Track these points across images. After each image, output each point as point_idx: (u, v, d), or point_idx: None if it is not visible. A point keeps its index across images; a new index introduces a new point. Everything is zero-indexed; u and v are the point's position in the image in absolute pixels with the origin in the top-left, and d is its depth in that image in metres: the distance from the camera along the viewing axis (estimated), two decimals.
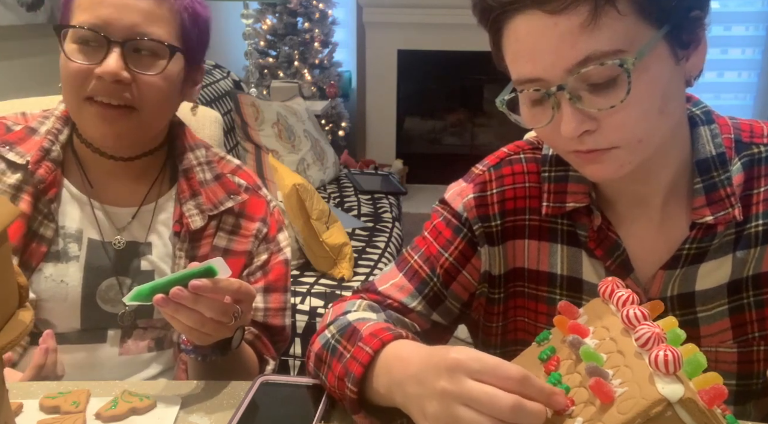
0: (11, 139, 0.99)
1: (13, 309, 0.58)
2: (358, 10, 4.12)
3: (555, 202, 0.85)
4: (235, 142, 3.00)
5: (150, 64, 0.94)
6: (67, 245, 1.00)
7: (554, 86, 0.70)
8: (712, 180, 0.79)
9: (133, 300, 0.79)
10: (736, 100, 4.17)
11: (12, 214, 0.56)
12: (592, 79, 0.69)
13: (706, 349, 0.80)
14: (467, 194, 0.90)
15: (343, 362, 0.75)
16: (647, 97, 0.70)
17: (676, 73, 0.73)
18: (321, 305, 2.08)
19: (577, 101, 0.70)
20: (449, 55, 4.18)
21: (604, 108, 0.70)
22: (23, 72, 2.63)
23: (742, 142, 0.82)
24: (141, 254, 1.03)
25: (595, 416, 0.57)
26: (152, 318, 1.03)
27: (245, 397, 0.80)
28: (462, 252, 0.90)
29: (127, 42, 0.91)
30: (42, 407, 0.79)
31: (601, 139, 0.72)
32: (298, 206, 2.20)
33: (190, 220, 1.02)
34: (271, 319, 1.07)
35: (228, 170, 1.10)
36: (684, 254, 0.81)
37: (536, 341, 0.71)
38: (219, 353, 0.90)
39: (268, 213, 1.10)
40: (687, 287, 0.82)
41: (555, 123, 0.72)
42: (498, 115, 5.28)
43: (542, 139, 0.82)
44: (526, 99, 0.75)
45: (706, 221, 0.79)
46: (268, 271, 1.08)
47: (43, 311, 0.97)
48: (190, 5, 0.97)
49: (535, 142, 0.92)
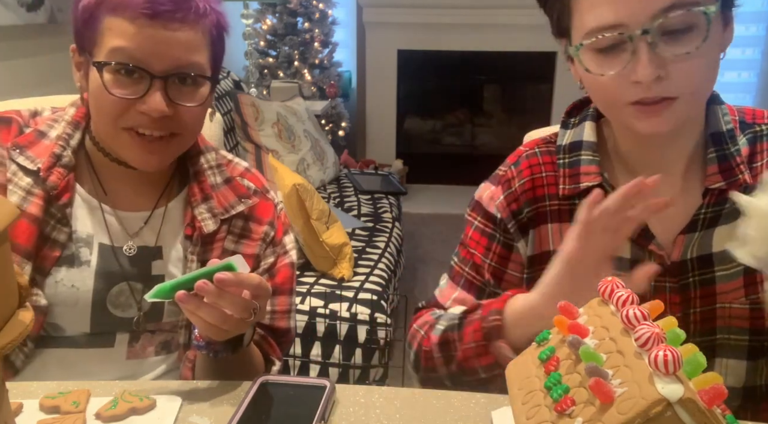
0: (22, 143, 0.98)
1: (13, 309, 0.58)
2: (358, 10, 4.12)
3: (570, 184, 0.94)
4: (235, 142, 3.00)
5: (191, 94, 0.93)
6: (79, 249, 0.99)
7: (638, 30, 0.76)
8: (724, 151, 0.88)
9: (155, 297, 0.80)
10: (736, 100, 4.12)
11: (12, 214, 0.56)
12: (673, 26, 0.76)
13: (721, 305, 0.89)
14: (498, 197, 0.99)
15: (474, 321, 0.89)
16: (712, 49, 0.78)
17: (721, 40, 0.82)
18: (321, 304, 2.08)
19: (655, 46, 0.76)
20: (449, 55, 4.19)
21: (680, 53, 0.76)
22: (23, 72, 2.63)
23: (745, 123, 0.91)
24: (152, 258, 1.02)
25: (595, 416, 0.57)
26: (161, 321, 1.03)
27: (245, 397, 0.80)
28: (500, 255, 0.99)
29: (170, 76, 0.90)
30: (42, 407, 0.79)
31: (669, 88, 0.78)
32: (298, 206, 2.20)
33: (203, 223, 1.02)
34: (278, 321, 1.08)
35: (237, 173, 1.10)
36: (700, 218, 0.88)
37: (536, 341, 0.71)
38: (230, 349, 0.90)
39: (275, 216, 1.10)
40: (705, 249, 0.89)
41: (627, 70, 0.78)
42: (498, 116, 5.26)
43: (601, 90, 0.85)
44: (594, 47, 0.81)
45: (719, 187, 0.87)
46: (274, 273, 1.08)
47: (53, 315, 0.97)
48: (215, 21, 0.95)
49: (549, 138, 1.01)
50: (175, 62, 0.90)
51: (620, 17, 0.77)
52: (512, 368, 0.73)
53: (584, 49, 0.82)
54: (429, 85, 4.46)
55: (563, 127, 0.99)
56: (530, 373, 0.69)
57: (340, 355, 2.06)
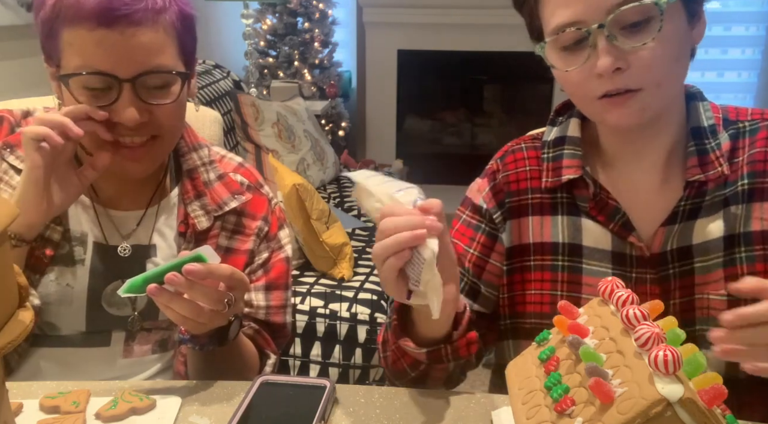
0: (12, 141, 0.99)
1: (13, 309, 0.58)
2: (358, 10, 4.11)
3: (553, 176, 0.96)
4: (235, 142, 3.00)
5: (163, 94, 0.93)
6: (73, 248, 0.99)
7: (595, 25, 0.80)
8: (704, 145, 0.90)
9: (127, 292, 0.80)
10: (736, 100, 4.16)
11: (12, 214, 0.56)
12: (628, 20, 0.80)
13: (699, 296, 0.90)
14: (484, 188, 1.02)
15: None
16: (670, 41, 0.81)
17: (687, 34, 0.85)
18: (321, 304, 2.08)
19: (613, 39, 0.80)
20: (449, 55, 4.18)
21: (638, 44, 0.80)
22: (23, 72, 2.63)
23: (728, 120, 0.94)
24: (146, 256, 1.02)
25: (595, 416, 0.57)
26: (157, 320, 1.03)
27: (245, 397, 0.80)
28: (484, 244, 1.01)
29: (137, 79, 0.89)
30: (42, 407, 0.79)
31: (630, 79, 0.81)
32: (298, 206, 2.20)
33: (196, 221, 1.02)
34: (273, 316, 1.08)
35: (230, 169, 1.10)
36: (681, 210, 0.90)
37: (536, 341, 0.71)
38: (216, 342, 0.90)
39: (269, 211, 1.10)
40: (685, 241, 0.91)
41: (589, 63, 0.82)
42: (498, 116, 5.26)
43: (571, 85, 0.88)
44: (559, 45, 0.85)
45: (698, 179, 0.89)
46: (269, 269, 1.08)
47: (48, 314, 0.97)
48: (179, 11, 0.93)
49: (535, 135, 1.04)
50: (140, 67, 0.89)
51: (578, 14, 0.81)
52: (512, 368, 0.73)
53: (549, 47, 0.86)
54: (429, 85, 4.45)
55: (550, 125, 1.02)
56: (530, 373, 0.69)
57: (340, 355, 2.06)
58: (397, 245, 0.72)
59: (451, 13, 3.95)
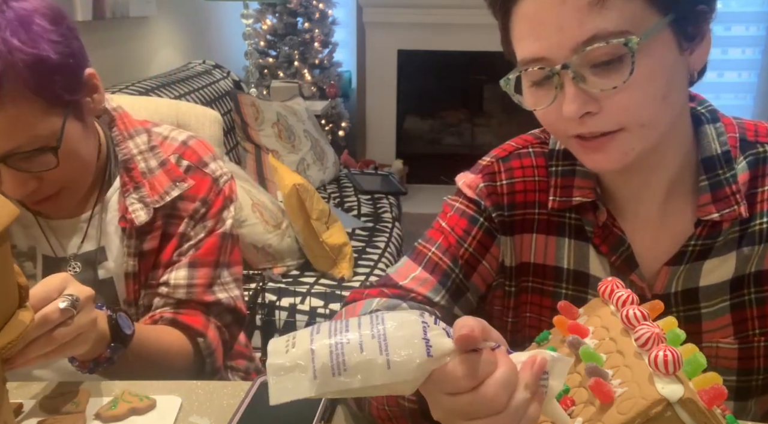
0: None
1: (13, 309, 0.58)
2: (358, 10, 4.12)
3: (562, 196, 0.85)
4: (235, 142, 3.00)
5: (39, 162, 0.86)
6: (22, 264, 0.96)
7: (559, 65, 0.70)
8: (718, 178, 0.79)
9: None
10: (736, 100, 4.17)
11: (11, 214, 0.56)
12: (597, 59, 0.69)
13: (707, 344, 0.82)
14: (478, 184, 0.89)
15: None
16: (650, 80, 0.70)
17: (679, 63, 0.73)
18: (321, 304, 2.07)
19: (580, 81, 0.70)
20: (449, 55, 4.18)
21: (607, 88, 0.69)
22: None
23: (747, 141, 0.82)
24: (97, 262, 0.98)
25: (595, 416, 0.57)
26: None
27: (245, 397, 0.80)
28: (480, 242, 0.89)
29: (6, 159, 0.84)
30: (42, 407, 0.79)
31: (604, 122, 0.72)
32: (298, 206, 2.20)
33: (134, 215, 0.97)
34: (198, 295, 1.01)
35: (172, 151, 1.03)
36: (689, 250, 0.81)
37: (536, 341, 0.71)
38: (105, 363, 0.85)
39: (212, 191, 1.03)
40: (691, 282, 0.82)
41: (557, 104, 0.72)
42: (498, 116, 5.26)
43: (544, 123, 0.80)
44: (528, 80, 0.75)
45: (712, 218, 0.78)
46: (200, 247, 1.02)
47: None
48: (25, 62, 0.80)
49: (542, 137, 0.91)
50: (17, 150, 0.84)
51: (542, 51, 0.71)
52: None
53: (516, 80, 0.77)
54: (429, 85, 4.45)
55: None
56: None
57: None
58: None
59: (451, 13, 3.95)
